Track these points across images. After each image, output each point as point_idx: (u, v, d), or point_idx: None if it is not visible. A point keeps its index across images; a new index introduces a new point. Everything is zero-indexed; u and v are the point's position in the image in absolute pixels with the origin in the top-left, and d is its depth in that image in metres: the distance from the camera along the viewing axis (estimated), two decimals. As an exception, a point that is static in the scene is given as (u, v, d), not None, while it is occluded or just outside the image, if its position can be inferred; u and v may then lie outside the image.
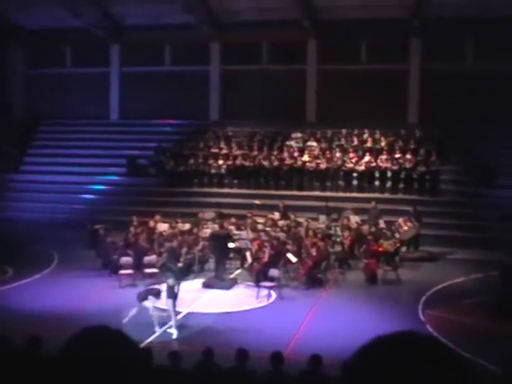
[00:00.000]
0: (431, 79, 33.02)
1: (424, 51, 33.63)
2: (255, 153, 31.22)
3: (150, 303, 15.82)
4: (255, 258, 21.03)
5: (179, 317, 16.56)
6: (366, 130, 31.44)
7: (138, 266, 20.73)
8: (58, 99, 37.94)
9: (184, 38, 35.75)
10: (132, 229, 23.45)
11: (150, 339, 14.85)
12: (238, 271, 22.08)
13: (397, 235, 23.17)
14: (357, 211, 25.93)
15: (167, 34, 35.90)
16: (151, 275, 20.26)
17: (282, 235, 22.86)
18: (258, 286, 19.44)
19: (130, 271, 20.35)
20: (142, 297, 16.00)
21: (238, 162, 30.93)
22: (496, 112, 31.48)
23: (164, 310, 16.16)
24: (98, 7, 35.37)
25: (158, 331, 15.46)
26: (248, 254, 21.60)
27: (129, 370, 1.89)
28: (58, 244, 24.75)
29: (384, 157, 29.21)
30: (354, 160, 29.47)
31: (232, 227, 23.81)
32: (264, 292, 19.05)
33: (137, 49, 36.97)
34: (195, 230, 23.71)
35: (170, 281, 16.21)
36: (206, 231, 23.26)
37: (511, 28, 31.08)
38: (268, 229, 23.91)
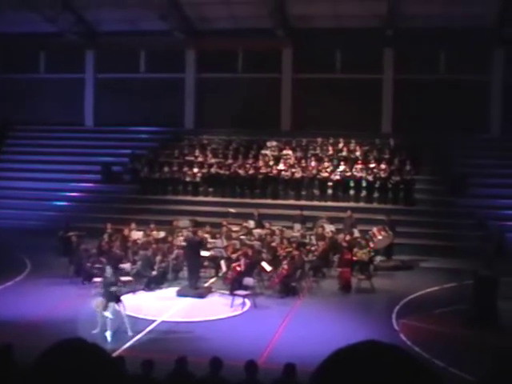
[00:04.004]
0: (404, 89, 33.29)
1: (397, 61, 33.89)
2: (230, 161, 31.18)
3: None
4: (230, 267, 20.97)
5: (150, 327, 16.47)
6: (340, 140, 31.57)
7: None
8: (31, 105, 37.61)
9: (159, 44, 35.71)
10: (106, 236, 23.28)
11: (124, 347, 14.74)
12: (213, 280, 22.00)
13: (371, 244, 23.24)
14: (332, 220, 25.99)
15: (142, 41, 35.83)
16: (125, 283, 20.09)
17: (256, 244, 22.84)
18: (232, 294, 19.38)
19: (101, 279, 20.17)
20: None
21: (213, 170, 30.87)
22: (468, 121, 31.88)
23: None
24: (72, 13, 35.15)
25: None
26: (223, 263, 21.54)
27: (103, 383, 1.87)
28: (31, 251, 24.49)
29: (359, 166, 29.34)
30: (328, 169, 29.55)
31: (207, 235, 23.72)
32: (238, 301, 18.98)
33: (112, 55, 36.84)
34: (170, 238, 23.59)
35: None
36: (181, 239, 23.15)
37: (482, 39, 31.55)
38: (243, 237, 23.87)
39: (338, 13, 32.28)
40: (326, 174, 29.44)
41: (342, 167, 29.45)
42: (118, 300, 16.11)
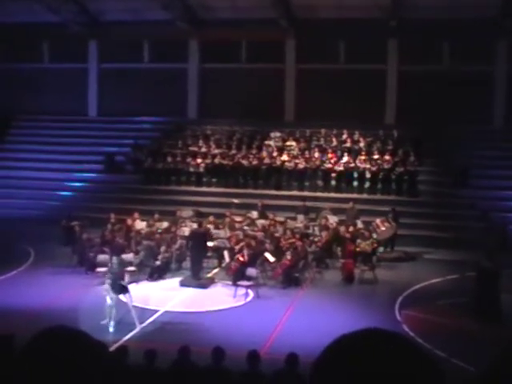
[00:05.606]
0: (408, 80, 33.18)
1: (401, 52, 33.78)
2: (234, 152, 31.16)
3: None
4: (233, 257, 20.98)
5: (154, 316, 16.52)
6: (344, 131, 31.51)
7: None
8: (34, 95, 37.57)
9: (162, 34, 35.64)
10: (109, 226, 23.31)
11: (127, 337, 14.78)
12: (216, 270, 22.02)
13: (374, 235, 23.24)
14: (335, 211, 25.98)
15: (146, 30, 35.75)
16: (128, 273, 20.11)
17: (260, 234, 22.85)
18: (235, 285, 19.40)
19: (106, 269, 20.19)
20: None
21: (217, 160, 30.84)
22: (471, 112, 31.78)
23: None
24: (75, 2, 35.08)
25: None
26: (226, 253, 21.56)
27: (86, 371, 1.87)
28: (34, 241, 24.51)
29: (362, 157, 29.30)
30: (332, 160, 29.51)
31: (210, 226, 23.73)
32: (241, 291, 19.02)
33: (115, 45, 36.79)
34: (173, 229, 23.61)
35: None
36: (184, 230, 23.16)
37: (486, 30, 31.45)
38: (246, 228, 23.88)
39: (342, 3, 32.14)
40: (329, 165, 29.39)
41: (345, 158, 29.41)
42: (125, 291, 16.13)
